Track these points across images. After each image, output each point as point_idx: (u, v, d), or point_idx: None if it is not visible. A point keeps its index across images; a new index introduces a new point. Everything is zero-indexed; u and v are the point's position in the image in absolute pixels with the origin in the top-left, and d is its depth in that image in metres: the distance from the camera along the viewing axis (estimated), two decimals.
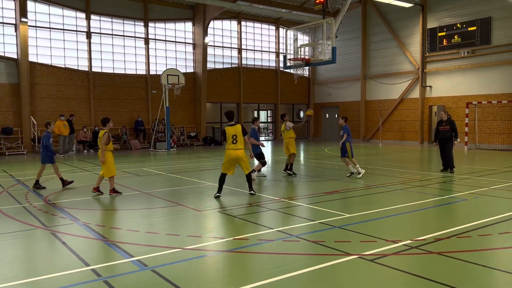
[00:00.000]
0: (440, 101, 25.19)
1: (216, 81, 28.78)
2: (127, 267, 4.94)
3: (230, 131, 8.94)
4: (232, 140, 8.92)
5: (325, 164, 15.48)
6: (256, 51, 31.07)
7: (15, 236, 6.45)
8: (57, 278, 4.61)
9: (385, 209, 7.89)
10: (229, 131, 8.95)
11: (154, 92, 25.71)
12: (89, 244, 5.95)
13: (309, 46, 18.45)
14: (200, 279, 4.64)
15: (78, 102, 23.61)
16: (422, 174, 12.64)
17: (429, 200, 8.80)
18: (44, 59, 22.73)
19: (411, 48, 26.25)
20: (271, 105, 32.64)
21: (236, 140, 8.92)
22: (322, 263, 4.94)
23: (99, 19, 24.34)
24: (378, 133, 27.58)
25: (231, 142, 8.94)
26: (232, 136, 8.91)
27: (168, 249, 5.58)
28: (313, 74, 33.29)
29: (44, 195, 9.50)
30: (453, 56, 24.23)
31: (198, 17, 27.09)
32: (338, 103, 31.60)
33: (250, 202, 8.69)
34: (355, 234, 6.15)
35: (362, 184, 10.71)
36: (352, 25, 29.02)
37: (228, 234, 6.40)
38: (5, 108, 21.49)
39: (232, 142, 8.93)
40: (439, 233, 6.13)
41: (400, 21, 26.71)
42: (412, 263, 5.04)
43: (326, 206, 8.10)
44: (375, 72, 28.62)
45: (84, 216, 7.56)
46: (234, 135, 8.91)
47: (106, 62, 24.73)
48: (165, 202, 8.86)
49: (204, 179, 12.07)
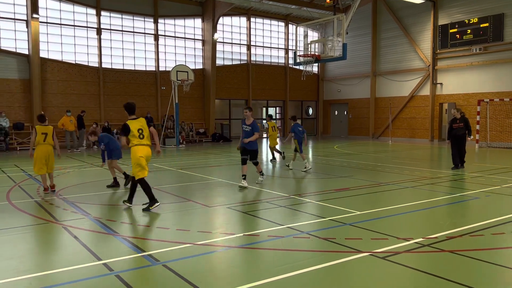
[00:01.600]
0: (451, 99, 24.94)
1: (225, 78, 28.79)
2: (138, 261, 4.97)
3: (135, 125, 7.70)
4: (139, 135, 7.67)
5: (334, 161, 15.42)
6: (265, 48, 30.99)
7: (27, 230, 6.51)
8: (69, 272, 4.64)
9: (396, 206, 7.84)
10: (133, 125, 7.69)
11: (164, 88, 25.79)
12: (101, 239, 5.99)
13: (319, 42, 18.37)
14: (211, 274, 4.65)
15: (88, 98, 23.76)
16: (433, 172, 12.53)
17: (440, 198, 8.72)
18: (55, 55, 22.89)
19: (422, 45, 25.99)
20: (280, 102, 32.58)
21: (143, 135, 7.74)
22: (333, 260, 4.92)
23: (109, 15, 24.44)
24: (388, 131, 27.41)
25: (138, 137, 7.66)
26: (138, 130, 7.69)
27: (178, 244, 5.59)
28: (322, 70, 33.14)
29: (56, 190, 9.58)
30: (464, 53, 23.96)
31: (207, 14, 27.08)
32: (347, 100, 31.43)
33: (259, 199, 8.68)
34: (366, 231, 6.11)
35: (372, 182, 10.65)
36: (362, 22, 28.82)
37: (238, 230, 6.40)
38: (16, 103, 21.69)
39: (139, 137, 7.67)
40: (451, 231, 6.07)
41: (411, 18, 26.46)
42: (425, 261, 4.99)
43: (336, 203, 8.06)
44: (385, 69, 28.41)
45: (95, 211, 7.62)
46: (139, 129, 7.71)
47: (116, 58, 24.85)
48: (175, 197, 8.88)
49: (213, 175, 12.08)
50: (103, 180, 11.02)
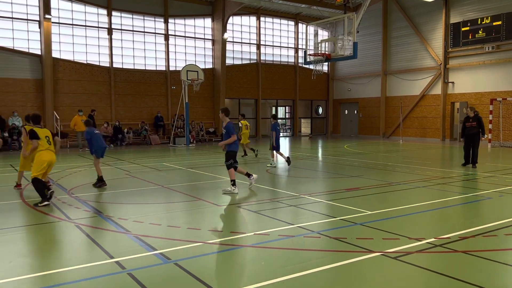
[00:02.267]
0: (463, 98, 24.67)
1: (235, 77, 28.82)
2: (150, 260, 5.00)
3: (42, 133, 8.13)
4: (46, 141, 8.14)
5: (344, 161, 15.36)
6: (275, 47, 30.96)
7: (40, 228, 6.59)
8: (81, 270, 4.69)
9: (407, 206, 7.78)
10: (40, 132, 8.11)
11: (174, 88, 25.91)
12: (113, 237, 6.04)
13: (329, 41, 18.29)
14: (221, 273, 4.66)
15: (100, 98, 23.96)
16: (444, 171, 12.42)
17: (452, 198, 8.64)
18: (67, 55, 23.12)
19: (433, 44, 25.75)
20: (290, 101, 32.52)
21: (50, 141, 8.23)
22: (344, 260, 4.90)
23: (120, 16, 24.61)
24: (399, 130, 27.20)
25: (47, 142, 8.13)
26: (46, 137, 8.14)
27: (189, 243, 5.62)
28: (332, 70, 33.00)
29: (68, 189, 9.68)
30: (477, 51, 23.68)
31: (217, 13, 27.13)
32: (357, 99, 31.27)
33: (270, 198, 8.69)
34: (377, 231, 6.08)
35: (383, 181, 10.59)
36: (373, 20, 28.63)
37: (249, 229, 6.40)
38: (29, 103, 21.95)
39: (47, 142, 8.16)
40: (464, 232, 6.01)
41: (422, 16, 26.23)
42: (437, 261, 4.95)
43: (347, 203, 8.03)
44: (395, 68, 28.20)
45: (107, 210, 7.68)
46: (47, 136, 8.17)
47: (127, 58, 25.02)
48: (185, 196, 8.92)
49: (223, 174, 12.10)
50: (114, 179, 11.11)
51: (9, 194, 9.15)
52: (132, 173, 12.34)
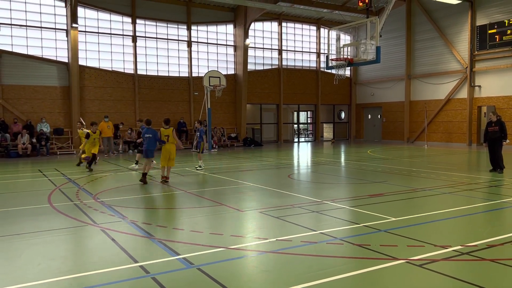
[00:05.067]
0: (490, 101, 24.06)
1: (256, 83, 28.92)
2: (173, 264, 5.06)
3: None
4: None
5: (368, 166, 15.18)
6: (296, 52, 30.94)
7: (67, 232, 6.75)
8: (107, 274, 4.79)
9: (432, 213, 7.63)
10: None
11: (196, 94, 26.19)
12: (137, 242, 6.13)
13: (352, 45, 18.17)
14: (244, 279, 4.68)
15: (124, 104, 24.42)
16: (471, 177, 12.13)
17: (479, 205, 8.43)
18: (93, 63, 23.69)
19: (459, 47, 25.24)
20: (312, 106, 32.40)
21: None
22: (368, 267, 4.85)
23: (144, 23, 25.09)
24: (423, 135, 26.71)
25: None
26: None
27: (212, 248, 5.65)
28: (354, 74, 32.74)
29: (93, 193, 9.90)
30: (504, 54, 23.07)
31: (239, 19, 27.33)
32: (381, 103, 30.89)
33: (292, 204, 8.67)
34: (401, 238, 5.98)
35: (408, 187, 10.41)
36: (396, 24, 28.30)
37: (271, 234, 6.40)
38: (56, 109, 22.58)
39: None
40: (492, 239, 5.85)
41: (447, 19, 25.76)
42: (464, 269, 4.84)
43: (371, 209, 7.93)
44: (420, 72, 27.76)
45: (132, 214, 7.81)
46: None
47: (151, 65, 25.45)
48: (208, 201, 8.99)
49: (245, 179, 12.14)
50: (139, 184, 11.29)
51: (38, 198, 9.41)
52: (155, 178, 12.51)
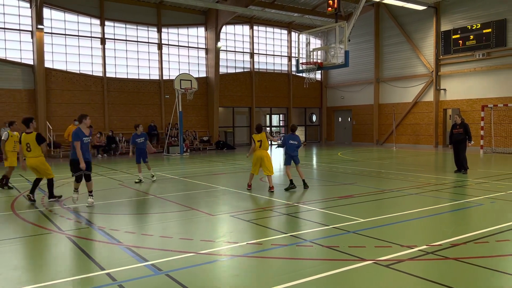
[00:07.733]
0: (455, 104, 24.88)
1: (228, 86, 28.90)
2: (141, 271, 4.96)
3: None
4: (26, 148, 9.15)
5: (338, 168, 15.39)
6: (268, 55, 31.12)
7: (31, 240, 6.52)
8: (72, 282, 4.65)
9: (400, 214, 7.81)
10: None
11: (167, 97, 25.92)
12: (104, 248, 5.99)
13: (321, 50, 18.45)
14: (214, 284, 4.64)
15: (93, 108, 23.89)
16: (437, 178, 12.48)
17: (444, 205, 8.68)
18: (60, 65, 23.08)
19: (425, 51, 26.01)
20: (283, 109, 32.62)
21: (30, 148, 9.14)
22: (336, 268, 4.90)
23: (113, 25, 24.65)
24: (392, 137, 27.34)
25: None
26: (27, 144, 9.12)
27: (182, 253, 5.59)
28: (325, 77, 33.20)
29: (60, 200, 9.61)
30: (467, 58, 23.94)
31: (210, 22, 27.25)
32: (350, 106, 31.44)
33: (263, 207, 8.68)
34: (369, 239, 6.09)
35: (376, 189, 10.62)
36: (365, 29, 28.89)
37: (242, 238, 6.38)
38: (22, 113, 21.77)
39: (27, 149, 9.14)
40: (456, 239, 6.03)
41: (413, 24, 26.51)
42: (429, 268, 4.96)
43: (340, 211, 8.04)
44: (388, 75, 28.42)
45: (99, 221, 7.63)
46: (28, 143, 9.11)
47: (120, 67, 25.02)
48: (178, 206, 8.89)
49: (217, 183, 12.09)
50: (107, 189, 11.06)
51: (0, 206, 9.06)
52: (125, 183, 12.28)
